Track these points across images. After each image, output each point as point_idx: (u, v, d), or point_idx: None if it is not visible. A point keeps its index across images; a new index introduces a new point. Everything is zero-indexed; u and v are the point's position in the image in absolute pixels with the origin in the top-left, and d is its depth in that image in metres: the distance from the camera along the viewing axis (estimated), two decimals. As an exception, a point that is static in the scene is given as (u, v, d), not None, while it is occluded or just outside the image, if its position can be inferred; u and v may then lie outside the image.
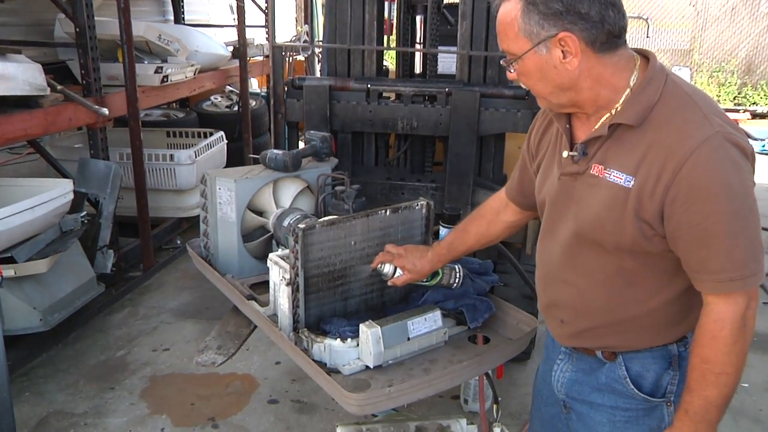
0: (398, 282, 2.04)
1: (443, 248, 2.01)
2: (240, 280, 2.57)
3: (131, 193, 4.54)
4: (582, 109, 1.50)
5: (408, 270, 2.02)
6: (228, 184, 2.55)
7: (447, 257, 2.02)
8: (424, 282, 2.08)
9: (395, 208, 2.17)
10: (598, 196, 1.48)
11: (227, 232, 2.60)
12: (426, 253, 2.02)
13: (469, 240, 1.99)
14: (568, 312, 1.63)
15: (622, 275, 1.51)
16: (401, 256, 2.03)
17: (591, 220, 1.49)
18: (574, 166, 1.53)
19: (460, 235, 2.00)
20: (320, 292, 2.08)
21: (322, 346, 1.98)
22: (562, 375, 1.72)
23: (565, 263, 1.58)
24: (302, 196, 2.79)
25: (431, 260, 2.02)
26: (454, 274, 2.11)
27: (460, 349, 2.09)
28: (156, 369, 3.56)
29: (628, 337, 1.57)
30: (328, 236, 2.04)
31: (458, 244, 2.00)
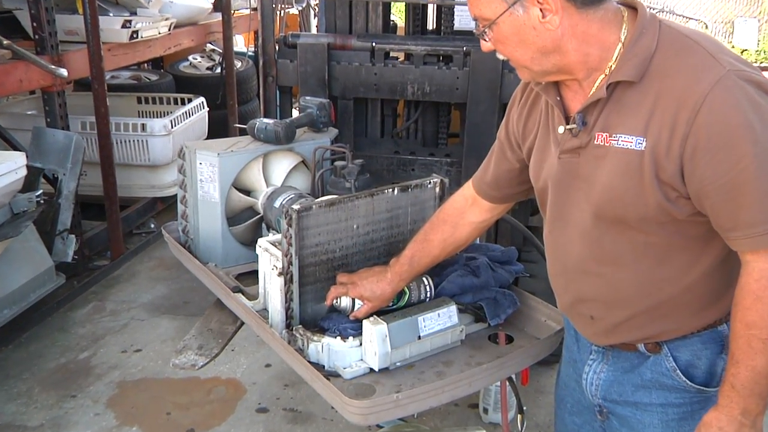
0: (360, 314, 2.04)
1: (403, 265, 2.03)
2: (224, 270, 2.61)
3: (96, 169, 4.57)
4: (571, 74, 1.52)
5: (367, 299, 2.03)
6: (210, 158, 2.58)
7: (409, 274, 2.03)
8: (389, 307, 2.09)
9: (404, 186, 2.20)
10: (609, 167, 1.50)
11: (209, 215, 2.64)
12: (384, 275, 2.03)
13: (433, 250, 2.00)
14: (597, 306, 1.66)
15: (652, 253, 1.54)
16: (356, 285, 2.04)
17: (607, 196, 1.51)
18: (574, 140, 1.55)
19: (421, 246, 2.01)
20: (318, 284, 2.11)
21: (320, 346, 2.01)
22: (596, 377, 1.75)
23: (586, 252, 1.61)
24: (296, 172, 2.82)
25: (392, 282, 2.02)
26: (423, 287, 2.12)
27: (479, 350, 2.13)
28: (126, 373, 3.61)
29: (670, 322, 1.61)
30: (327, 219, 2.07)
31: (421, 257, 2.01)
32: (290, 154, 2.79)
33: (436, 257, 2.02)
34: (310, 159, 2.79)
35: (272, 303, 2.16)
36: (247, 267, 2.65)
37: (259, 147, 2.71)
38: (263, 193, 2.69)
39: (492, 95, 3.23)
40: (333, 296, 2.07)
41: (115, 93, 5.33)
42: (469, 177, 3.20)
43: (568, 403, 1.90)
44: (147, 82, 6.02)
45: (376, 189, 2.17)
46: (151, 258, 4.89)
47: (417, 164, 3.42)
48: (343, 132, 3.36)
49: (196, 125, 5.26)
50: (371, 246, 2.18)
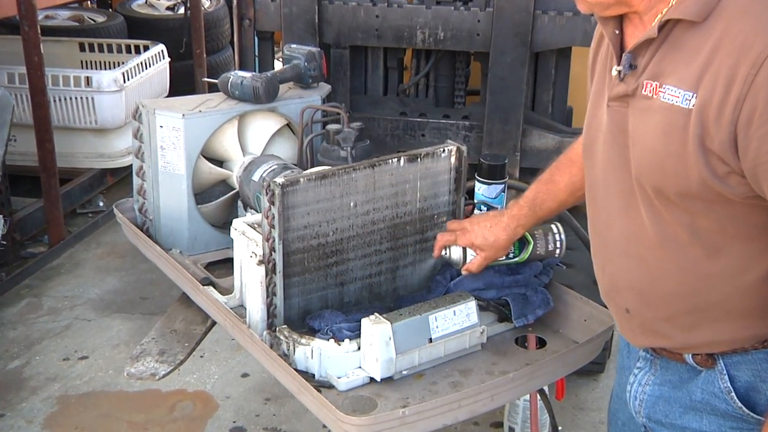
0: (473, 267, 2.13)
1: (523, 207, 2.08)
2: (191, 258, 2.64)
3: (29, 133, 4.57)
4: (630, 6, 1.53)
5: (480, 247, 2.10)
6: (173, 120, 2.59)
7: (529, 219, 2.09)
8: (509, 259, 2.17)
9: (412, 155, 2.23)
10: (652, 124, 1.50)
11: (173, 190, 2.66)
12: (500, 219, 2.10)
13: (560, 194, 2.04)
14: (633, 297, 1.67)
15: (699, 239, 1.52)
16: (466, 232, 2.11)
17: (647, 161, 1.52)
18: (621, 85, 1.57)
19: (546, 187, 2.05)
20: (306, 275, 2.15)
21: (309, 351, 2.04)
22: (641, 390, 1.77)
23: (627, 228, 1.62)
24: (280, 138, 2.85)
25: (508, 227, 2.09)
26: (552, 237, 2.18)
27: (503, 356, 2.16)
28: (68, 386, 3.65)
29: (722, 331, 1.59)
30: (318, 195, 2.10)
31: (544, 200, 2.06)
32: (272, 116, 2.81)
33: (563, 202, 2.06)
34: (297, 122, 2.80)
35: (250, 298, 2.19)
36: (220, 254, 2.68)
37: (234, 107, 2.72)
38: (239, 164, 2.72)
39: (521, 42, 3.24)
40: (441, 245, 2.16)
41: (52, 38, 5.31)
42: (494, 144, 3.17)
43: (620, 420, 1.92)
44: (92, 25, 5.99)
45: (378, 159, 2.20)
46: (100, 244, 4.92)
47: (428, 128, 3.44)
48: (337, 89, 3.37)
49: (155, 80, 5.26)
50: (372, 228, 2.22)
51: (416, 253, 2.32)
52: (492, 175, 2.55)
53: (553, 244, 2.20)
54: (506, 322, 2.25)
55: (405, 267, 2.31)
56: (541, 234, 2.19)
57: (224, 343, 3.81)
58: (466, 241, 2.13)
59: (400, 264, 2.29)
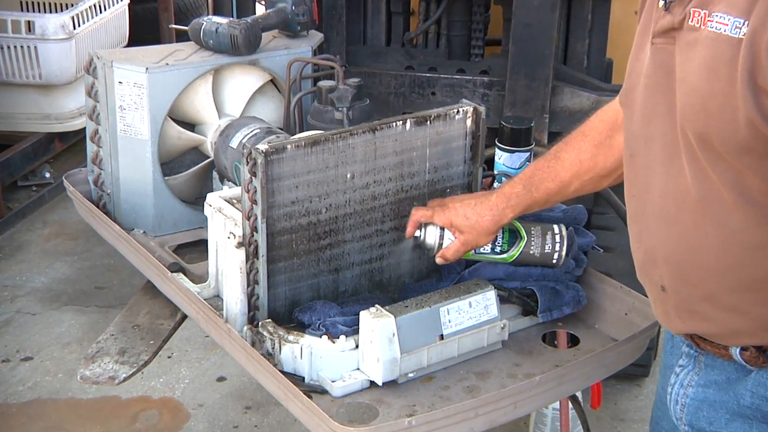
0: (449, 253, 2.11)
1: (516, 185, 2.07)
2: (158, 240, 2.66)
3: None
4: None
5: (459, 228, 2.09)
6: (135, 75, 2.60)
7: (523, 200, 2.07)
8: (495, 253, 2.15)
9: (421, 117, 2.24)
10: (697, 59, 1.50)
11: (135, 159, 2.67)
12: (486, 197, 2.08)
13: (562, 172, 2.04)
14: (669, 271, 1.67)
15: (746, 202, 1.52)
16: (446, 208, 2.10)
17: (690, 102, 1.52)
18: (667, 17, 1.57)
19: (548, 164, 2.05)
20: (294, 259, 2.16)
21: (298, 349, 2.06)
22: (683, 392, 1.78)
23: (666, 187, 1.62)
24: (263, 96, 2.85)
25: (495, 206, 2.07)
26: (551, 237, 2.15)
27: (528, 356, 2.18)
28: (9, 392, 3.66)
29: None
30: (308, 164, 2.11)
31: (543, 179, 2.05)
32: (253, 71, 2.81)
33: (564, 183, 2.05)
34: (283, 77, 2.81)
35: (228, 287, 2.21)
36: (191, 235, 2.70)
37: (207, 59, 2.73)
38: (214, 128, 2.73)
39: (551, -18, 3.26)
40: (415, 222, 2.14)
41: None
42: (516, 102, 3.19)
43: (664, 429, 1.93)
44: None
45: (380, 122, 2.21)
46: (47, 223, 4.93)
47: (439, 85, 3.44)
48: (330, 38, 3.38)
49: (111, 25, 5.24)
50: (372, 204, 2.23)
51: (425, 233, 2.34)
52: (515, 142, 2.56)
53: (551, 246, 2.16)
54: (532, 315, 2.27)
55: (411, 250, 2.32)
56: (539, 231, 2.16)
57: (196, 340, 3.83)
58: (443, 219, 2.11)
59: (405, 247, 2.31)
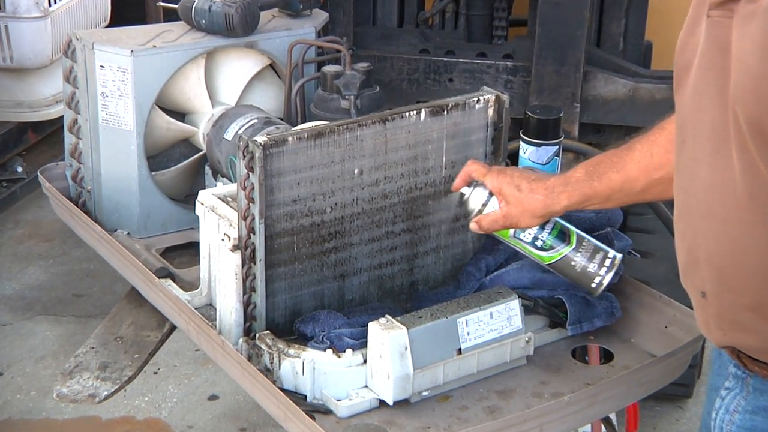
0: (485, 222, 2.10)
1: (578, 170, 2.06)
2: (143, 242, 2.67)
3: None
4: None
5: (507, 198, 2.08)
6: (118, 58, 2.61)
7: (582, 187, 2.06)
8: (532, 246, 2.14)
9: (437, 106, 2.24)
10: (752, 34, 1.50)
11: (118, 151, 2.68)
12: (545, 176, 2.09)
13: (630, 164, 2.01)
14: (711, 275, 1.66)
15: None
16: (501, 173, 2.09)
17: (743, 83, 1.52)
18: None
19: (618, 152, 2.03)
20: (296, 264, 2.17)
21: (299, 364, 2.06)
22: (729, 419, 1.77)
23: (710, 178, 1.62)
24: (261, 83, 2.87)
25: (549, 187, 2.06)
26: (602, 257, 2.12)
27: (556, 373, 2.19)
28: (-21, 411, 3.68)
29: None
30: (311, 159, 2.12)
31: (609, 168, 2.03)
32: (250, 54, 2.82)
33: (631, 179, 2.03)
34: (283, 62, 2.81)
35: (222, 295, 2.21)
36: (181, 237, 2.72)
37: (200, 41, 2.74)
38: (207, 118, 2.74)
39: (583, -44, 3.26)
40: (467, 176, 2.13)
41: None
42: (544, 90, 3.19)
43: None
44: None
45: (391, 111, 2.21)
46: (19, 223, 4.93)
47: (457, 70, 3.45)
48: (336, 18, 3.38)
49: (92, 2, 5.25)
50: (383, 203, 2.24)
51: (441, 236, 2.35)
52: (542, 134, 2.56)
53: (596, 267, 2.13)
54: (560, 328, 2.28)
55: (426, 254, 2.34)
56: (590, 246, 2.14)
57: (186, 354, 3.84)
58: (495, 182, 2.10)
59: (419, 250, 2.32)
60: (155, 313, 2.52)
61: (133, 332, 2.54)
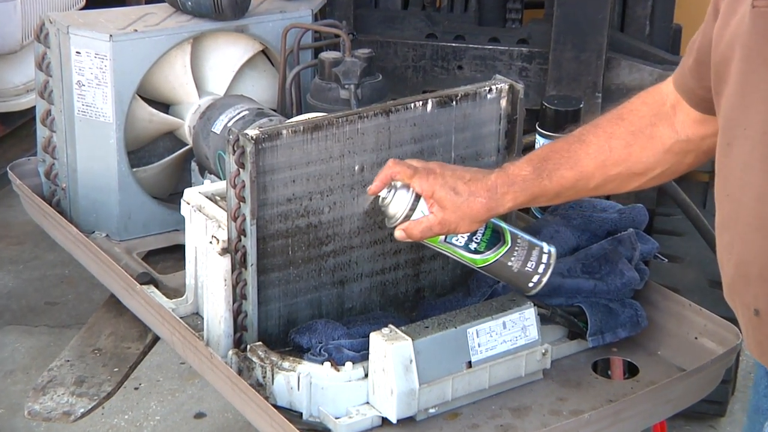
0: (416, 230, 2.02)
1: (524, 166, 2.01)
2: (124, 244, 2.68)
3: None
4: None
5: (441, 203, 2.01)
6: (96, 43, 2.61)
7: (530, 186, 2.02)
8: (467, 250, 2.10)
9: (445, 97, 2.25)
10: None
11: (96, 146, 2.69)
12: (485, 176, 2.02)
13: (584, 159, 1.99)
14: (765, 290, 1.66)
15: None
16: (432, 173, 2.03)
17: None
18: None
19: (569, 146, 2.01)
20: (291, 269, 2.18)
21: (294, 379, 2.06)
22: None
23: (761, 185, 1.61)
24: (252, 71, 2.88)
25: (492, 188, 2.00)
26: (538, 254, 2.12)
27: (575, 389, 2.19)
28: (-58, 430, 3.69)
29: None
30: (308, 154, 2.13)
31: (560, 163, 2.00)
32: (241, 40, 2.83)
33: (585, 175, 2.00)
34: (277, 48, 2.83)
35: (210, 303, 2.22)
36: (165, 240, 2.73)
37: (185, 24, 2.75)
38: (193, 109, 2.76)
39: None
40: (386, 178, 2.05)
41: None
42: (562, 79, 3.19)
43: None
44: None
45: (395, 102, 2.22)
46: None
47: (467, 57, 3.45)
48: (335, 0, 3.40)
49: (66, -17, 5.28)
50: (387, 202, 2.25)
51: (450, 238, 2.35)
52: (560, 127, 2.56)
53: (534, 265, 2.10)
54: (580, 339, 2.29)
55: (432, 258, 2.35)
56: (525, 244, 2.11)
57: (170, 368, 3.84)
58: (425, 186, 2.02)
59: (425, 254, 2.33)
60: (136, 323, 2.53)
61: (113, 344, 2.54)
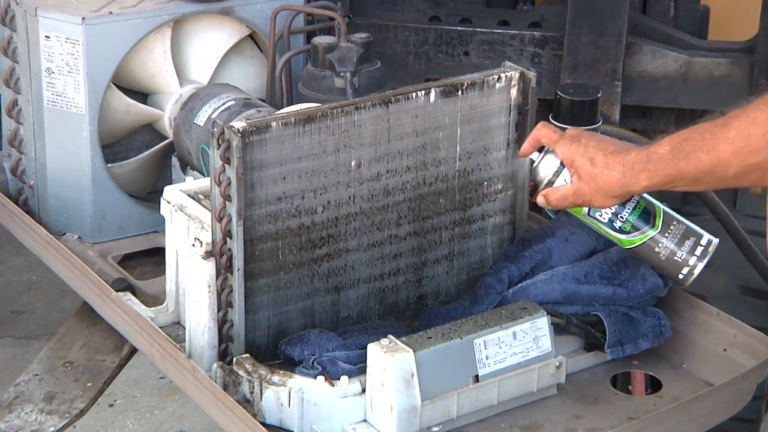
0: (553, 197, 2.13)
1: (663, 145, 2.04)
2: (98, 247, 2.69)
3: None
4: None
5: (579, 171, 2.09)
6: (68, 27, 2.62)
7: (666, 166, 2.04)
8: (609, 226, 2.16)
9: (450, 86, 2.26)
10: None
11: (67, 139, 2.70)
12: (625, 149, 2.08)
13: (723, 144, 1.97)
14: None
15: None
16: (575, 142, 2.11)
17: None
18: None
19: (710, 128, 2.00)
20: (281, 274, 2.19)
21: (285, 394, 2.07)
22: None
23: None
24: (239, 57, 2.89)
25: (628, 163, 2.05)
26: (694, 243, 2.15)
27: (592, 405, 2.20)
28: None
29: None
30: (300, 148, 2.13)
31: (698, 146, 2.00)
32: (226, 23, 2.84)
33: (722, 162, 1.99)
34: (265, 32, 2.83)
35: (193, 311, 2.22)
36: (143, 242, 2.74)
37: (165, 6, 2.75)
38: (174, 99, 2.77)
39: None
40: (536, 140, 2.18)
41: None
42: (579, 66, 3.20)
43: None
44: None
45: (395, 91, 2.23)
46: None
47: (474, 42, 3.45)
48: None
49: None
50: (385, 202, 2.25)
51: (454, 241, 2.36)
52: (577, 118, 2.57)
53: (686, 255, 2.16)
54: (597, 351, 2.29)
55: (436, 263, 2.35)
56: (680, 229, 2.17)
57: (148, 383, 3.85)
58: (567, 152, 2.13)
59: (428, 258, 2.33)
60: (111, 334, 2.53)
61: (85, 356, 2.54)
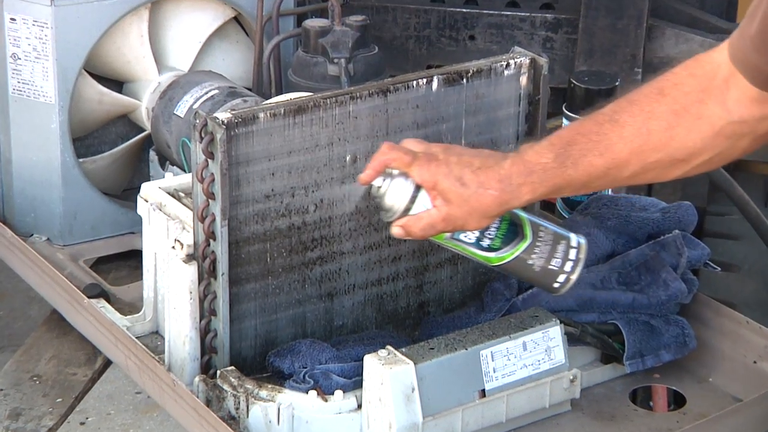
0: (416, 228, 1.98)
1: (544, 153, 1.97)
2: (68, 250, 2.70)
3: None
4: None
5: (445, 195, 1.97)
6: (35, 8, 2.63)
7: (552, 179, 1.98)
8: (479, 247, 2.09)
9: (454, 73, 2.27)
10: None
11: (35, 132, 2.71)
12: (498, 162, 1.99)
13: (618, 144, 1.94)
14: None
15: None
16: (434, 161, 1.99)
17: None
18: None
19: (599, 128, 1.97)
20: (269, 279, 2.20)
21: (273, 410, 2.08)
22: None
23: None
24: (223, 42, 2.91)
25: (505, 179, 1.96)
26: (564, 248, 2.10)
27: (610, 422, 2.21)
28: None
29: None
30: (290, 141, 2.14)
31: (587, 149, 1.94)
32: (209, 4, 2.85)
33: (618, 163, 1.94)
34: (251, 14, 2.84)
35: (173, 320, 2.23)
36: (118, 244, 2.75)
37: (142, -15, 2.77)
38: (152, 87, 2.78)
39: None
40: (381, 165, 2.01)
41: None
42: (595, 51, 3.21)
43: None
44: None
45: (394, 79, 2.24)
46: None
47: (481, 25, 3.46)
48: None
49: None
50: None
51: (459, 243, 2.37)
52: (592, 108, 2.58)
53: (560, 262, 2.07)
54: (615, 363, 2.30)
55: (439, 267, 2.37)
56: (549, 237, 2.08)
57: (123, 398, 3.85)
58: (426, 175, 1.98)
59: (430, 261, 2.35)
60: (83, 345, 2.54)
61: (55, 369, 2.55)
